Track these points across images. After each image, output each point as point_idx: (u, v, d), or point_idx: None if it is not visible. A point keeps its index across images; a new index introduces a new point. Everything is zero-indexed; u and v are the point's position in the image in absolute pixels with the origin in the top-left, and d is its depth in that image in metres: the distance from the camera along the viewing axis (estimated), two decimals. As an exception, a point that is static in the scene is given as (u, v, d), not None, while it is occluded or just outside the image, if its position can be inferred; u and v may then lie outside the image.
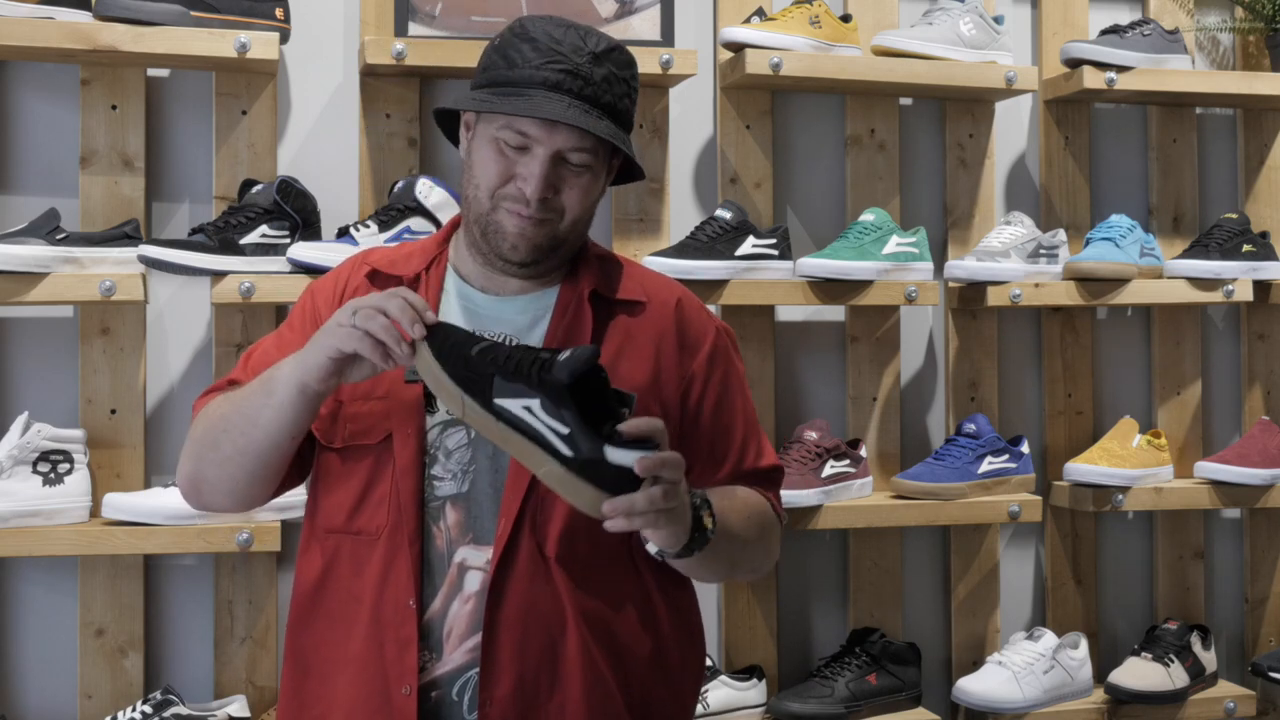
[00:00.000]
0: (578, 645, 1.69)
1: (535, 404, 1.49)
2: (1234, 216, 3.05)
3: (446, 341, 1.56)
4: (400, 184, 2.57)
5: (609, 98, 1.70)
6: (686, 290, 1.90)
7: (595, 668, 1.71)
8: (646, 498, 1.49)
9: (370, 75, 2.69)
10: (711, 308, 2.78)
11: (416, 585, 1.68)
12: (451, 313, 1.79)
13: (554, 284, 1.81)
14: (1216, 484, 3.00)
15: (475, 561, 1.70)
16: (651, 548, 1.66)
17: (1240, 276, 2.98)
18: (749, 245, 2.69)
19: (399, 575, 1.69)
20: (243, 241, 2.46)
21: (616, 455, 1.48)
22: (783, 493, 2.60)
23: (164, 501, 2.43)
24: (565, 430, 1.48)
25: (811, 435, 2.74)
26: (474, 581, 1.69)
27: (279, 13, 2.56)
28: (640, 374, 1.77)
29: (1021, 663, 2.83)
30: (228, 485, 1.75)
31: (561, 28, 1.71)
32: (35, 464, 2.42)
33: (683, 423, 1.80)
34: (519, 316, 1.78)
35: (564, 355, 1.50)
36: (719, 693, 2.70)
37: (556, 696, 1.69)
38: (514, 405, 1.50)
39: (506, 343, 1.65)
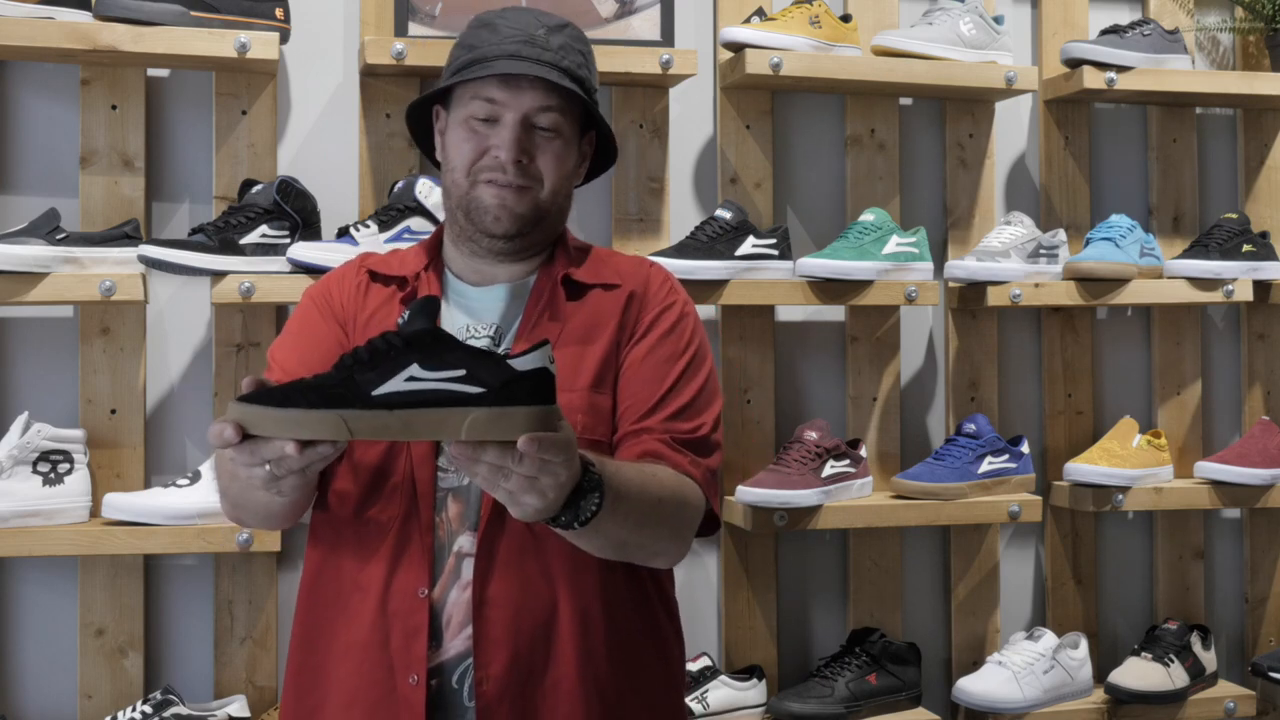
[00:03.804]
0: (571, 622, 1.71)
1: (415, 369, 1.30)
2: (1234, 216, 3.05)
3: (273, 394, 1.33)
4: (400, 184, 2.57)
5: (567, 63, 1.79)
6: (660, 267, 1.93)
7: (589, 643, 1.72)
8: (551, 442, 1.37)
9: (370, 75, 2.69)
10: (711, 308, 2.80)
11: (430, 575, 1.70)
12: (448, 308, 1.84)
13: (534, 272, 1.86)
14: (1216, 484, 3.00)
15: (472, 549, 1.71)
16: (515, 511, 1.47)
17: (1240, 276, 2.97)
18: (749, 245, 2.69)
19: (410, 565, 1.70)
20: (243, 241, 2.46)
21: (524, 362, 1.32)
22: (783, 493, 2.65)
23: (164, 501, 2.43)
24: (461, 372, 1.30)
25: (811, 435, 2.74)
26: (470, 569, 1.71)
27: (279, 13, 2.56)
28: (605, 344, 1.79)
29: (1021, 663, 2.83)
30: (270, 522, 1.80)
31: (517, 12, 1.82)
32: (35, 464, 2.42)
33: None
34: (501, 303, 1.83)
35: (406, 316, 1.35)
36: (719, 693, 2.70)
37: (551, 673, 1.70)
38: (395, 385, 1.30)
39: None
